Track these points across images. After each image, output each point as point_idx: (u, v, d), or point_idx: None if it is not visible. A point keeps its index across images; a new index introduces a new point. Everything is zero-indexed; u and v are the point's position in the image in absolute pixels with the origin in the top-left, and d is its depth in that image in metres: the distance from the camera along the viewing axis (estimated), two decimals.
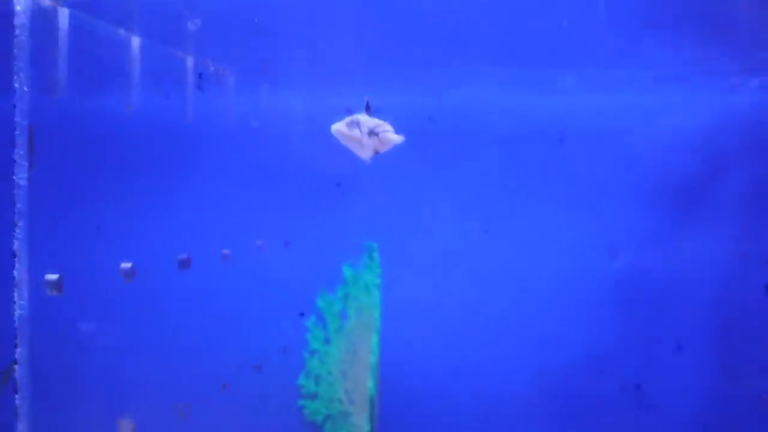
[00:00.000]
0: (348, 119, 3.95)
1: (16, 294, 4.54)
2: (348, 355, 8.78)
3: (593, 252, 9.51)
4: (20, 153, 4.52)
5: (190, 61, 7.19)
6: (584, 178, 9.57)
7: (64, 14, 5.24)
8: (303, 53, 7.70)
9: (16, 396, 4.62)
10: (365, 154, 4.00)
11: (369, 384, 8.51)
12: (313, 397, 8.84)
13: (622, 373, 9.52)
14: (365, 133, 3.92)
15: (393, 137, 3.97)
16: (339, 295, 9.00)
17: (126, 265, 5.68)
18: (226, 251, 7.70)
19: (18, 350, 4.60)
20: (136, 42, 6.27)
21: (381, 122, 3.97)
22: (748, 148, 9.17)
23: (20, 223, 4.57)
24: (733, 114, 9.23)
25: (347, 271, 9.02)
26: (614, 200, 9.55)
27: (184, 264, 6.68)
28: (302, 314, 8.78)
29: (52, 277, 4.80)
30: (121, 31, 6.16)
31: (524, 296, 9.59)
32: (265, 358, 8.77)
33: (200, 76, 7.20)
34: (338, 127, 3.98)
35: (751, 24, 7.40)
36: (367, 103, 3.93)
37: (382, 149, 3.99)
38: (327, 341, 8.88)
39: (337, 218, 9.39)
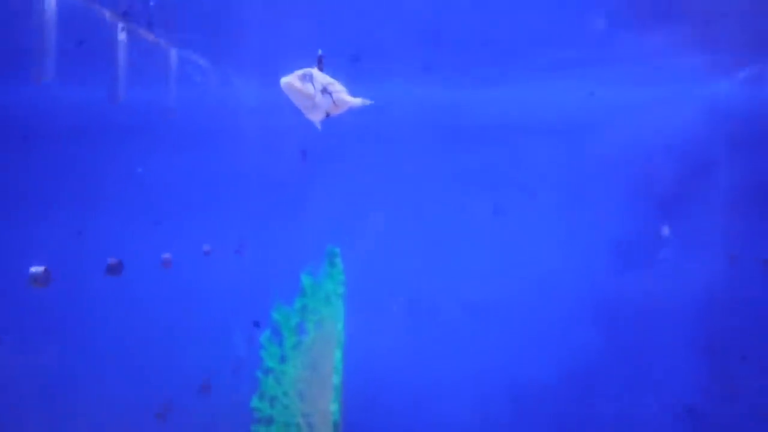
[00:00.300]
0: (300, 72, 3.34)
1: None
2: (307, 373, 7.94)
3: (572, 261, 9.19)
4: None
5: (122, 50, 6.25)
6: (566, 179, 9.23)
7: None
8: (257, 47, 7.08)
9: None
10: (316, 116, 3.46)
11: (331, 407, 7.67)
12: (268, 421, 7.98)
13: (605, 392, 9.16)
14: (318, 89, 3.39)
15: (349, 99, 3.49)
16: (296, 306, 8.18)
17: (37, 269, 4.69)
18: (166, 256, 6.81)
19: None
20: None
21: (334, 80, 3.46)
22: (735, 145, 8.96)
23: None
24: (718, 109, 8.99)
25: (305, 280, 8.21)
26: (598, 204, 9.24)
27: (114, 269, 5.69)
28: (257, 324, 7.95)
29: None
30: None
31: (501, 309, 9.14)
32: (214, 378, 8.03)
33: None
34: (289, 80, 3.34)
35: (736, 18, 7.26)
36: (320, 57, 3.40)
37: (336, 112, 3.49)
38: (283, 359, 8.04)
39: (294, 220, 8.68)
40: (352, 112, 7.84)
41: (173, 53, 6.76)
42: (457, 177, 9.30)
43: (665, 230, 9.04)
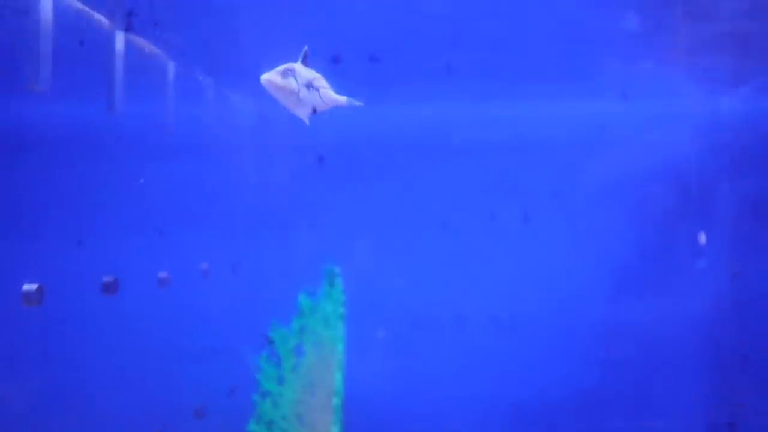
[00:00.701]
0: (281, 67, 3.22)
1: None
2: (306, 396, 7.72)
3: (574, 280, 9.07)
4: None
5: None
6: (568, 196, 9.12)
7: None
8: (262, 58, 6.97)
9: None
10: (303, 112, 3.32)
11: (332, 430, 7.47)
12: None
13: (609, 411, 9.02)
14: (303, 84, 3.26)
15: (335, 96, 3.36)
16: (294, 327, 7.97)
17: (30, 286, 4.47)
18: (162, 274, 6.60)
19: None
20: None
21: (318, 75, 3.34)
22: (737, 161, 8.96)
23: None
24: (722, 125, 8.99)
25: (303, 300, 8.01)
26: (600, 222, 9.18)
27: (110, 288, 5.48)
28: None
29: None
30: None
31: (503, 330, 9.05)
32: (209, 401, 7.75)
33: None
34: (270, 77, 3.22)
35: (737, 33, 7.31)
36: (305, 53, 3.26)
37: (322, 108, 3.35)
38: (281, 381, 7.81)
39: (292, 238, 8.56)
40: (359, 125, 7.70)
41: (171, 65, 6.62)
42: (455, 194, 9.20)
43: (702, 238, 8.97)
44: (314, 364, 7.80)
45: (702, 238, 9.07)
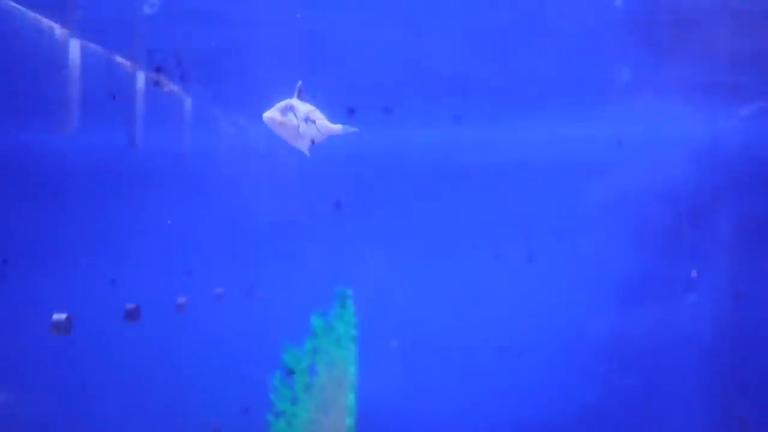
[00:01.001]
0: (281, 104, 3.42)
1: None
2: (319, 416, 7.83)
3: (579, 302, 9.15)
4: None
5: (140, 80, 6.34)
6: (570, 217, 9.20)
7: None
8: (270, 84, 7.17)
9: None
10: (303, 144, 3.52)
11: None
12: None
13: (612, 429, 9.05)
14: (301, 119, 3.46)
15: (330, 126, 3.54)
16: (307, 348, 8.09)
17: (59, 316, 4.69)
18: (181, 300, 6.77)
19: None
20: None
21: (313, 108, 3.53)
22: (738, 183, 9.01)
23: None
24: (722, 145, 9.05)
25: (316, 322, 8.14)
26: (603, 245, 9.22)
27: (132, 315, 5.69)
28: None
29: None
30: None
31: (511, 351, 9.11)
32: (224, 421, 7.85)
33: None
34: (271, 115, 3.42)
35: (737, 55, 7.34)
36: (299, 87, 3.47)
37: (320, 139, 3.54)
38: (295, 401, 7.92)
39: (305, 262, 8.66)
40: (373, 155, 7.90)
41: (188, 101, 6.85)
42: (461, 221, 9.31)
43: (694, 273, 9.04)
44: (327, 384, 7.90)
45: (694, 273, 9.14)
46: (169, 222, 6.50)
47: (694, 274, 9.10)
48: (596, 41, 6.91)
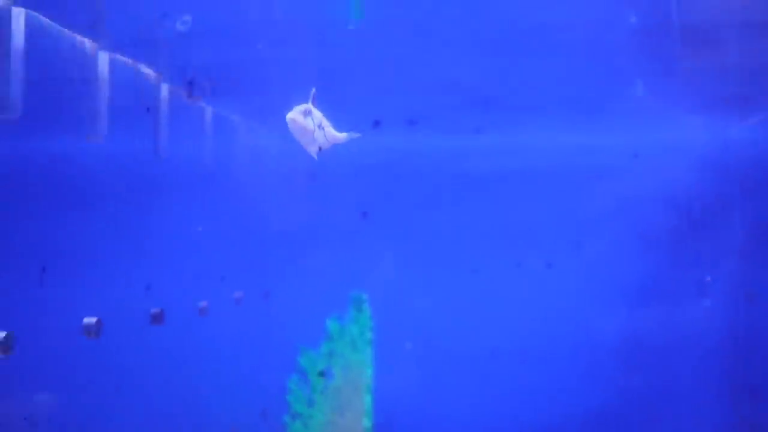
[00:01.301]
0: (302, 107, 3.56)
1: None
2: (335, 418, 7.98)
3: (589, 305, 9.23)
4: None
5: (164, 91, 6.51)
6: (579, 222, 9.30)
7: None
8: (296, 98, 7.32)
9: None
10: (313, 149, 3.67)
11: None
12: None
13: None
14: (316, 125, 3.62)
15: (337, 134, 3.74)
16: (323, 351, 8.24)
17: (90, 320, 4.87)
18: (203, 303, 6.92)
19: None
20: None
21: (322, 115, 3.70)
22: (749, 186, 9.11)
23: None
24: (732, 153, 9.16)
25: (331, 325, 8.29)
26: (612, 247, 9.30)
27: (157, 318, 5.87)
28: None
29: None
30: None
31: (526, 355, 9.18)
32: (242, 423, 7.93)
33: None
34: (294, 116, 3.55)
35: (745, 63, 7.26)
36: (313, 95, 3.58)
37: (326, 146, 3.72)
38: (311, 403, 8.08)
39: (322, 267, 8.76)
40: (396, 164, 8.02)
41: (209, 110, 7.03)
42: (475, 228, 9.40)
43: (707, 279, 9.13)
44: (343, 386, 8.04)
45: (708, 279, 9.21)
46: (200, 229, 6.66)
47: (708, 279, 9.18)
48: (612, 55, 6.98)
